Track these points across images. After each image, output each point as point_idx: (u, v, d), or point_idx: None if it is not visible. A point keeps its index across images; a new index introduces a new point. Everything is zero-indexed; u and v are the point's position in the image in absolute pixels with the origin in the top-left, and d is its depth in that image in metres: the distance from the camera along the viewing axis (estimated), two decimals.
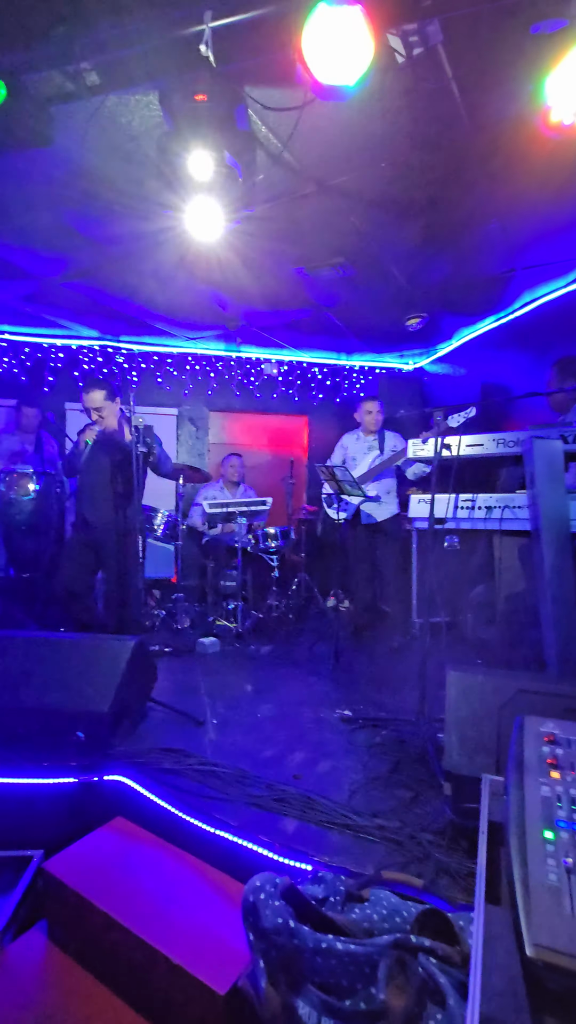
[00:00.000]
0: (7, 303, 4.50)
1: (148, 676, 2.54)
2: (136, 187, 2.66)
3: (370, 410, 4.06)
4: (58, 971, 1.51)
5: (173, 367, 5.69)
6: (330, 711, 2.63)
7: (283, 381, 5.98)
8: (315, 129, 2.29)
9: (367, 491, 3.96)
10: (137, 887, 1.54)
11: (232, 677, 3.19)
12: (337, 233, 3.22)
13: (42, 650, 2.34)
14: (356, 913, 1.30)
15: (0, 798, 1.95)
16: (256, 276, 3.81)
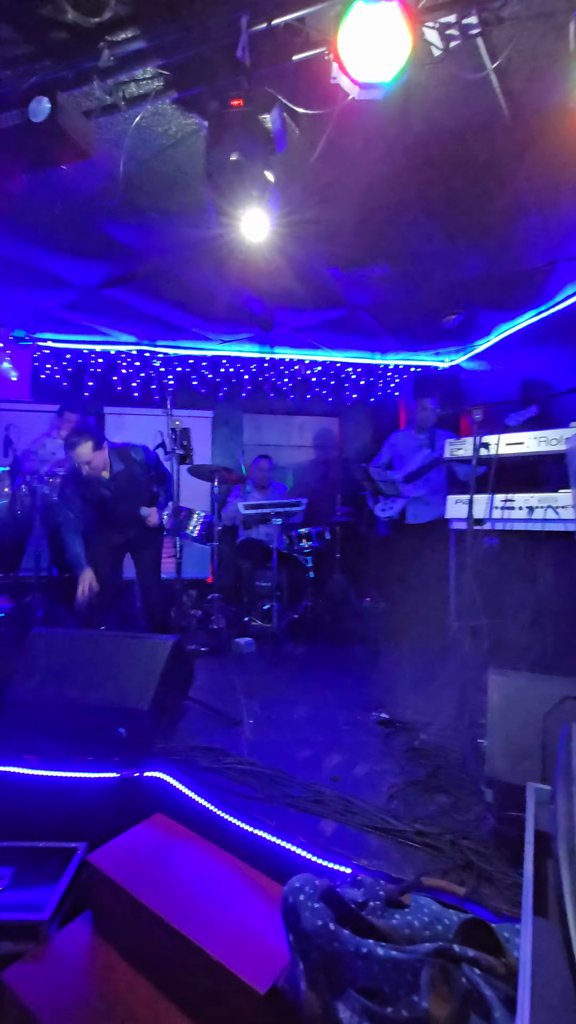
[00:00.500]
0: (49, 312, 4.66)
1: (186, 675, 2.58)
2: (173, 194, 2.71)
3: (425, 407, 4.00)
4: (102, 961, 1.55)
5: (208, 370, 5.76)
6: (367, 713, 2.60)
7: (316, 382, 5.97)
8: (350, 127, 2.27)
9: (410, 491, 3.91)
10: (177, 883, 1.57)
11: (268, 677, 3.20)
12: (372, 231, 3.19)
13: (84, 647, 2.40)
14: (397, 919, 1.29)
15: (46, 790, 2.01)
16: (290, 277, 3.82)
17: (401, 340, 5.28)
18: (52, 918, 1.65)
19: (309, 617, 4.33)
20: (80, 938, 1.63)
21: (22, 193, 2.77)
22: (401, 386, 6.04)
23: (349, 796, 1.85)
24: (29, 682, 2.35)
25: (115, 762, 2.05)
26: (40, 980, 1.48)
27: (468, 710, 2.30)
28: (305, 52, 1.81)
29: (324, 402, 6.04)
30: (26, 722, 2.28)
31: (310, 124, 2.26)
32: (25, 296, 4.31)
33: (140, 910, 1.46)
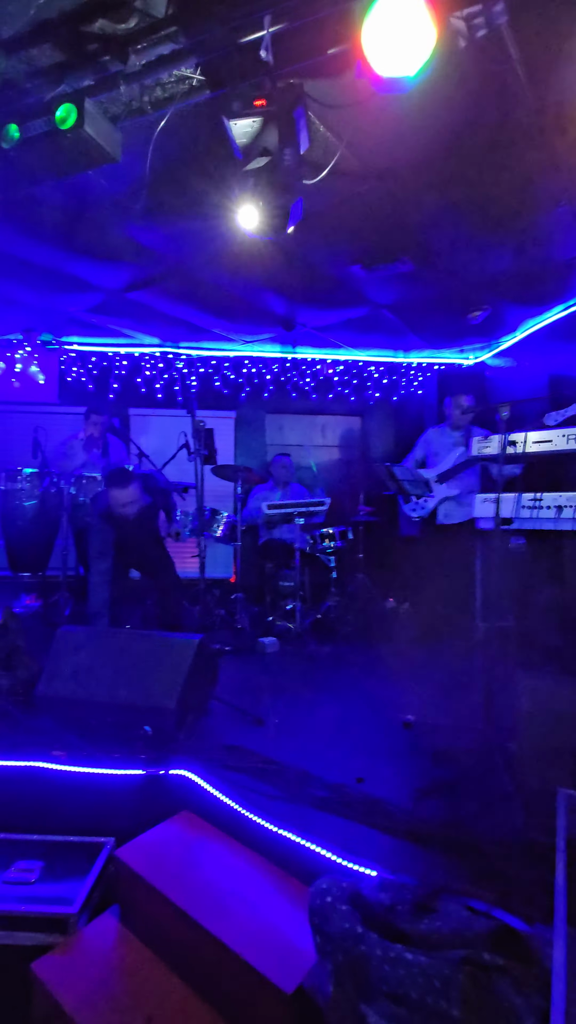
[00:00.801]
0: (75, 315, 4.75)
1: (211, 674, 2.59)
2: (197, 196, 2.73)
3: (460, 404, 3.94)
4: (130, 955, 1.56)
5: (230, 371, 5.79)
6: (392, 715, 2.58)
7: (339, 381, 5.95)
8: (373, 123, 2.26)
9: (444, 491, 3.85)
10: (204, 880, 1.58)
11: (292, 677, 3.20)
12: (395, 228, 3.16)
13: (110, 646, 2.44)
14: (425, 924, 1.27)
15: (74, 786, 2.05)
16: (312, 277, 3.81)
17: (425, 338, 5.22)
18: (81, 911, 1.68)
19: (332, 617, 4.31)
20: (108, 932, 1.65)
21: (49, 199, 2.82)
22: (424, 384, 5.98)
23: (374, 798, 1.83)
24: (57, 679, 2.40)
25: (141, 759, 2.07)
26: (69, 972, 1.50)
27: (496, 713, 2.25)
28: (328, 49, 1.80)
29: (346, 401, 6.01)
30: (54, 718, 2.33)
31: (334, 121, 2.25)
32: (52, 300, 4.39)
33: (167, 906, 1.47)
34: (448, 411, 4.05)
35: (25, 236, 3.28)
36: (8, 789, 2.05)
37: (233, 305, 4.40)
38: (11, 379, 5.46)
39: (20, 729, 2.30)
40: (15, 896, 1.69)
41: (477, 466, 3.84)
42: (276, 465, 4.99)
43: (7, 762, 2.07)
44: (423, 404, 6.01)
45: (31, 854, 1.87)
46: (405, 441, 4.69)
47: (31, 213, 2.96)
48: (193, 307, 4.50)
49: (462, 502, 3.87)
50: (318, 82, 1.99)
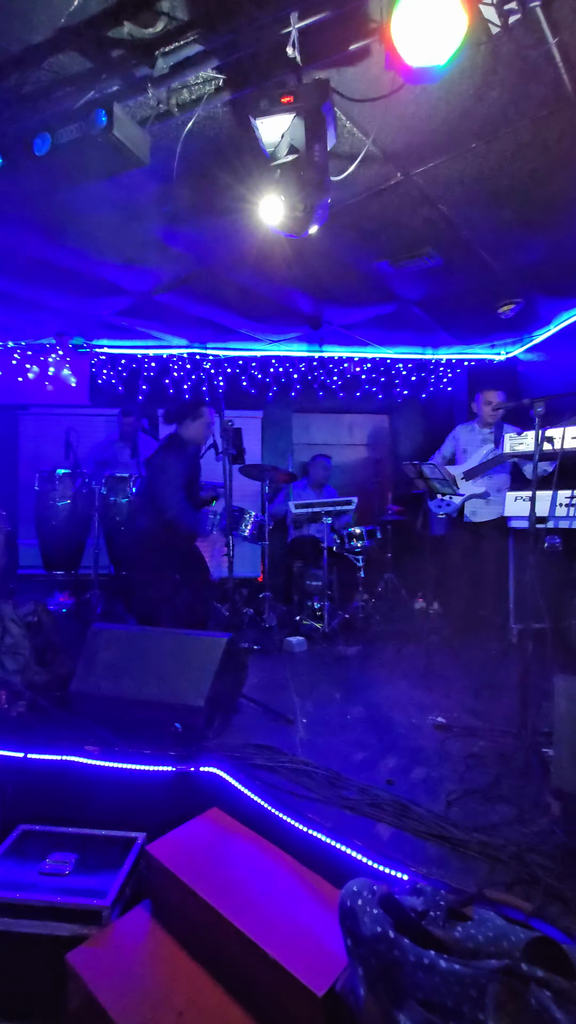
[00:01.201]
0: (105, 319, 4.83)
1: (240, 672, 2.60)
2: (225, 197, 2.74)
3: (490, 400, 3.87)
4: (161, 950, 1.58)
5: (257, 370, 5.81)
6: (422, 717, 2.54)
7: (366, 379, 5.90)
8: (401, 116, 2.22)
9: (470, 488, 3.78)
10: (234, 878, 1.58)
11: (320, 677, 3.18)
12: (424, 222, 3.11)
13: (142, 644, 2.47)
14: (459, 931, 1.24)
15: (106, 781, 2.08)
16: (339, 274, 3.79)
17: (454, 333, 5.12)
18: (114, 904, 1.70)
19: (360, 617, 4.28)
20: (140, 925, 1.67)
21: (78, 204, 2.87)
22: (454, 381, 5.87)
23: (406, 801, 1.81)
24: (90, 676, 2.44)
25: (171, 756, 2.09)
26: (102, 964, 1.53)
27: (531, 717, 2.19)
28: (356, 42, 1.78)
29: (374, 400, 5.96)
30: (87, 714, 2.37)
31: (361, 115, 2.22)
32: (83, 304, 4.48)
33: (198, 903, 1.48)
34: (477, 407, 3.97)
35: (56, 242, 3.35)
36: (43, 783, 2.10)
37: (260, 305, 4.41)
38: (44, 383, 5.60)
39: (55, 724, 2.35)
40: (51, 887, 1.73)
41: (507, 463, 3.74)
42: (317, 465, 4.97)
43: (43, 756, 2.12)
44: (453, 401, 5.91)
45: (65, 846, 1.91)
46: (434, 439, 4.61)
47: (61, 219, 3.03)
48: (220, 308, 4.52)
49: (490, 500, 3.78)
50: (345, 76, 1.97)
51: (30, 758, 2.11)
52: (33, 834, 1.99)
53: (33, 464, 4.92)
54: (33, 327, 5.15)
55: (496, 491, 3.79)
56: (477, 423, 3.98)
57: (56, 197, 2.54)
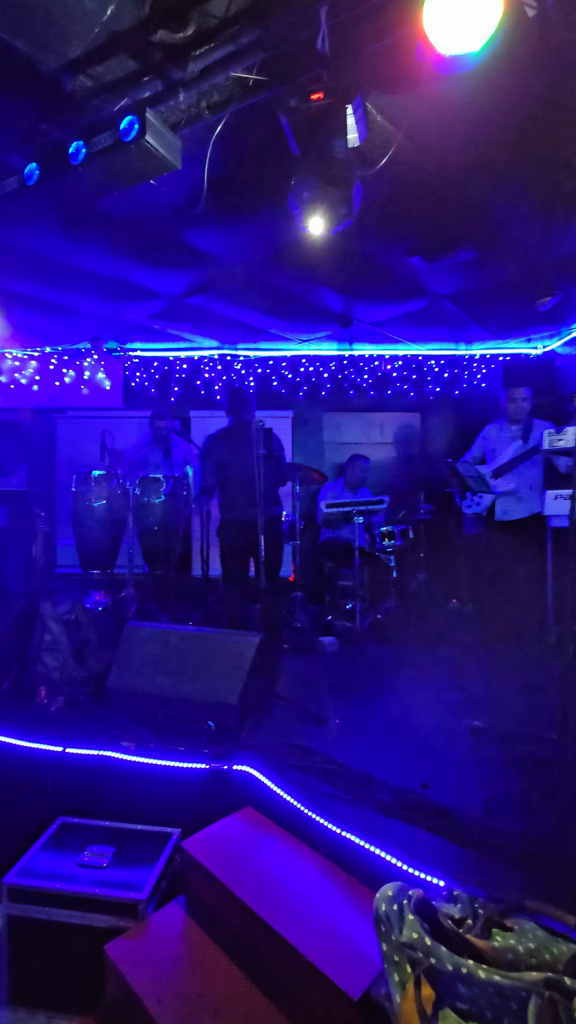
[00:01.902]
0: (138, 322, 4.92)
1: (273, 672, 2.60)
2: (254, 198, 2.75)
3: (515, 397, 3.78)
4: (196, 945, 1.59)
5: (288, 370, 5.81)
6: (458, 720, 2.48)
7: (397, 377, 5.83)
8: (434, 107, 2.18)
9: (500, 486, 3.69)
10: (268, 878, 1.58)
11: (353, 677, 3.16)
12: (456, 214, 3.04)
13: (175, 642, 2.50)
14: (498, 941, 1.20)
15: (141, 776, 2.12)
16: (369, 271, 3.75)
17: (488, 328, 5.01)
18: (149, 898, 1.73)
19: (393, 617, 4.23)
20: (175, 920, 1.69)
21: (111, 210, 2.93)
22: (488, 377, 5.74)
23: (440, 805, 1.77)
24: (125, 673, 2.49)
25: (205, 754, 2.11)
26: (138, 956, 1.55)
27: (573, 721, 2.12)
28: (387, 34, 1.75)
29: (405, 397, 5.88)
30: (123, 709, 2.41)
31: (392, 109, 2.19)
32: (117, 308, 4.58)
33: (233, 902, 1.49)
34: (503, 404, 3.87)
35: (90, 248, 3.43)
36: (81, 776, 2.15)
37: (289, 304, 4.41)
38: (80, 386, 5.75)
39: (92, 719, 2.40)
40: (89, 879, 1.77)
41: (539, 460, 3.63)
42: (354, 466, 4.92)
43: (81, 750, 2.17)
44: (487, 397, 5.77)
45: (103, 840, 1.95)
46: (468, 436, 4.51)
47: (95, 225, 3.09)
48: (250, 308, 4.54)
49: (522, 497, 3.68)
50: (376, 68, 1.94)
51: (69, 752, 2.17)
52: (72, 827, 2.04)
53: (70, 466, 5.05)
54: (69, 332, 5.29)
55: (528, 488, 3.68)
56: (505, 421, 3.89)
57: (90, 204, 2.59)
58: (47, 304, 4.40)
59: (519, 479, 3.69)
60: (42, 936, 1.73)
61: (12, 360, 5.77)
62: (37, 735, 2.23)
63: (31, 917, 1.74)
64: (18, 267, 3.68)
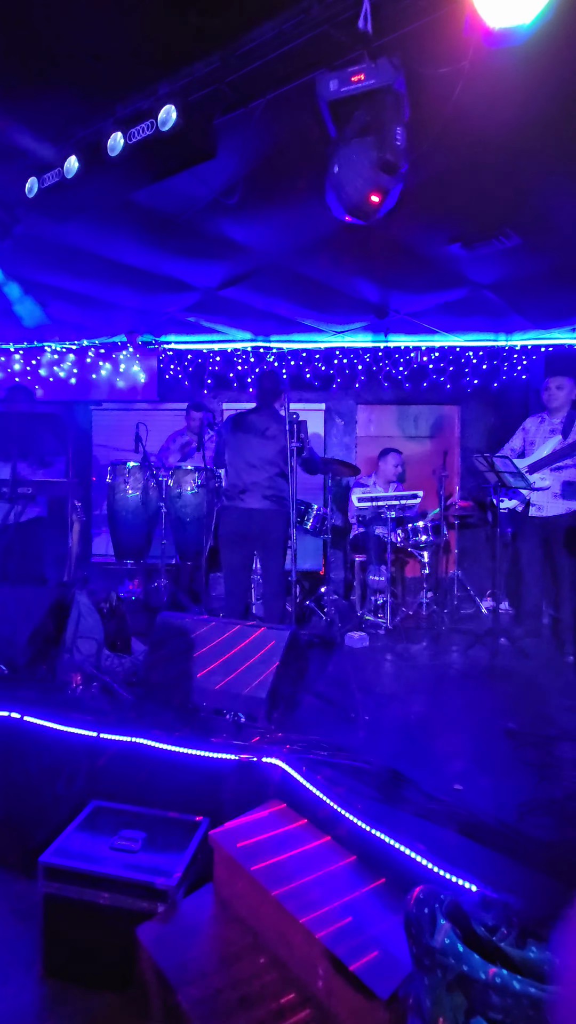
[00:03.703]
0: (173, 315, 4.96)
1: (302, 666, 2.60)
2: (289, 186, 2.71)
3: (554, 386, 3.65)
4: (224, 935, 1.61)
5: (321, 362, 5.76)
6: (491, 721, 2.42)
7: (434, 368, 5.70)
8: (481, 86, 2.08)
9: (538, 481, 3.57)
10: (296, 872, 1.58)
11: (383, 674, 3.13)
12: (500, 199, 2.93)
13: (207, 634, 2.52)
14: (534, 952, 1.17)
15: (171, 765, 2.14)
16: (407, 259, 3.66)
17: (530, 317, 4.83)
18: (179, 884, 1.75)
19: (424, 614, 4.16)
20: (204, 908, 1.71)
21: (148, 202, 2.94)
22: (529, 368, 5.55)
23: (474, 808, 1.73)
24: (156, 662, 2.53)
25: (234, 745, 2.12)
26: (168, 941, 1.58)
27: None
28: (432, 10, 1.69)
29: (442, 390, 5.75)
30: (154, 698, 2.45)
31: (436, 88, 2.11)
32: (153, 301, 4.62)
33: (262, 895, 1.49)
34: (543, 396, 3.73)
35: (127, 241, 3.46)
36: (114, 762, 2.19)
37: (324, 295, 4.36)
38: (116, 379, 5.84)
39: (125, 706, 2.45)
40: (121, 863, 1.80)
41: None
42: (387, 460, 4.86)
43: (114, 736, 2.22)
44: (528, 389, 5.59)
45: (134, 824, 1.98)
46: (507, 430, 4.38)
47: (131, 217, 3.11)
48: (284, 299, 4.51)
49: (560, 493, 3.55)
50: (419, 47, 1.87)
51: (102, 738, 2.21)
52: (104, 810, 2.08)
53: (105, 457, 5.15)
54: (106, 326, 5.37)
55: (569, 484, 3.55)
56: (546, 413, 3.75)
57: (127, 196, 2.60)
58: (85, 298, 4.47)
59: (557, 475, 3.56)
60: (75, 914, 1.78)
61: (51, 354, 5.91)
62: (72, 720, 2.29)
63: (65, 895, 1.79)
64: (57, 262, 3.75)
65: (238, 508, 3.31)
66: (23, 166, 2.58)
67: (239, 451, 3.38)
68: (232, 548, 3.41)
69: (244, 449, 3.35)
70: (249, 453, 3.32)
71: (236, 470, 3.39)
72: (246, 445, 3.35)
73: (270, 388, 3.51)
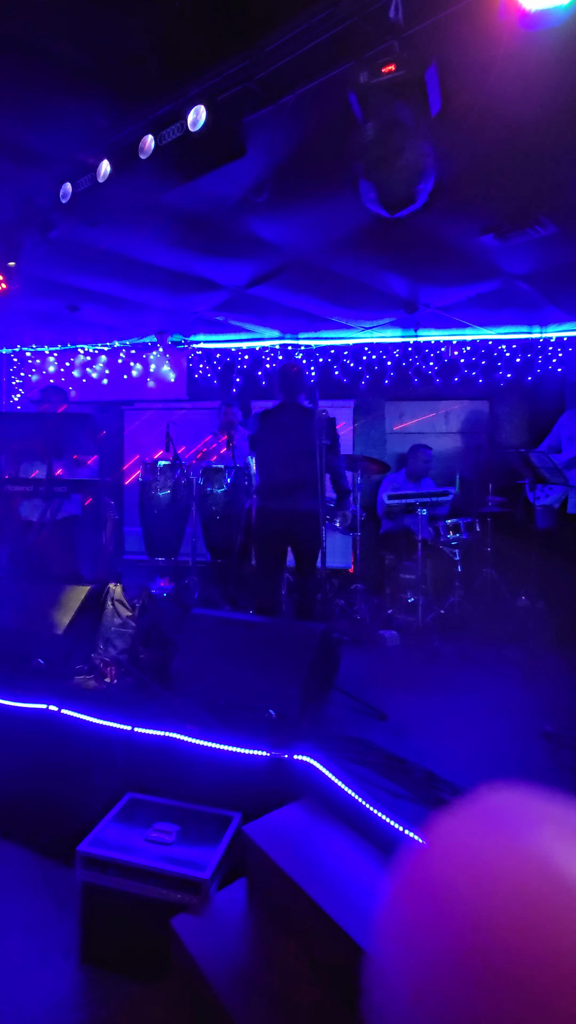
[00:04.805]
0: (202, 314, 5.00)
1: (333, 664, 2.59)
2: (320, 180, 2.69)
3: None
4: (257, 930, 1.62)
5: (349, 359, 5.72)
6: (528, 723, 2.37)
7: (465, 363, 5.59)
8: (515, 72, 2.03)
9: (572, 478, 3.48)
10: (329, 871, 1.57)
11: (415, 673, 3.09)
12: (535, 187, 2.85)
13: (238, 630, 2.53)
14: None
15: (203, 759, 2.17)
16: (438, 252, 3.60)
17: (566, 308, 4.69)
18: (212, 878, 1.77)
19: (457, 613, 4.09)
20: (237, 903, 1.72)
21: (177, 203, 2.96)
22: (565, 361, 5.38)
23: None
24: (189, 658, 2.56)
25: (266, 742, 2.13)
26: (203, 933, 1.59)
27: None
28: None
29: (474, 384, 5.63)
30: (186, 693, 2.48)
31: (468, 77, 2.06)
32: (183, 301, 4.67)
33: (295, 892, 1.49)
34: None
35: (157, 242, 3.50)
36: (148, 755, 2.23)
37: (353, 291, 4.32)
38: (147, 379, 5.93)
39: (158, 701, 2.49)
40: (155, 854, 1.83)
41: None
42: (417, 456, 4.80)
43: (148, 730, 2.26)
44: (564, 382, 5.43)
45: (168, 817, 2.01)
46: (542, 424, 4.27)
47: (161, 219, 3.15)
48: (312, 296, 4.50)
49: None
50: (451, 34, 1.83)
51: (137, 731, 2.26)
52: (139, 802, 2.12)
53: (137, 456, 5.24)
54: (137, 327, 5.46)
55: None
56: None
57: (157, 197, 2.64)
58: (116, 299, 4.56)
59: None
60: (111, 903, 1.82)
61: (84, 355, 6.04)
62: (108, 713, 2.34)
63: (102, 885, 1.83)
64: (90, 264, 3.83)
65: (271, 507, 3.32)
66: (58, 172, 2.65)
67: (270, 449, 3.38)
68: (265, 546, 3.41)
69: (275, 447, 3.35)
70: (280, 451, 3.32)
71: (268, 469, 3.39)
72: (276, 443, 3.35)
73: (292, 381, 3.44)
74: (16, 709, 2.43)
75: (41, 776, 2.29)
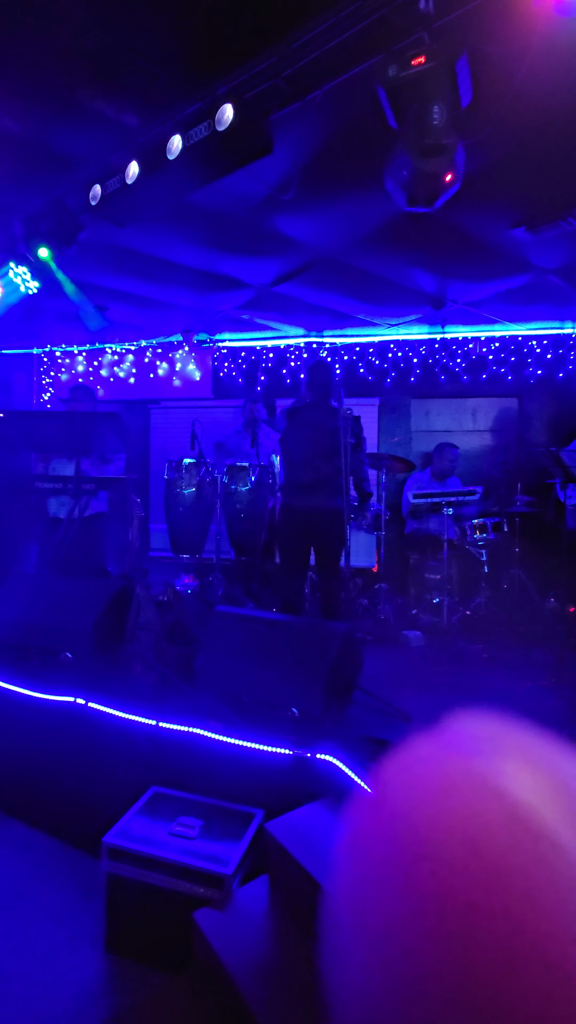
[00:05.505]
0: (227, 313, 5.03)
1: (356, 663, 2.57)
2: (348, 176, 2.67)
3: None
4: (279, 927, 1.62)
5: (375, 356, 5.68)
6: (559, 730, 2.30)
7: (493, 360, 5.48)
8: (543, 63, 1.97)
9: None
10: None
11: (439, 674, 3.05)
12: (569, 179, 2.77)
13: (262, 629, 2.54)
14: None
15: (226, 756, 2.18)
16: (466, 247, 3.54)
17: None
18: (235, 873, 1.78)
19: (483, 614, 4.02)
20: (259, 899, 1.73)
21: (202, 202, 2.98)
22: None
23: None
24: (213, 654, 2.58)
25: (288, 740, 2.13)
26: (225, 928, 1.61)
27: None
28: None
29: (502, 381, 5.52)
30: (209, 690, 2.50)
31: (500, 66, 2.02)
32: (208, 300, 4.70)
33: (316, 890, 1.49)
34: None
35: (183, 242, 3.53)
36: (172, 750, 2.26)
37: (378, 288, 4.28)
38: (173, 378, 6.00)
39: (183, 697, 2.51)
40: (179, 848, 1.86)
41: None
42: (443, 455, 4.74)
43: (172, 725, 2.28)
44: None
45: (192, 812, 2.03)
46: (573, 423, 4.16)
47: (187, 218, 3.17)
48: (337, 293, 4.47)
49: None
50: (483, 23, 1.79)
51: (161, 726, 2.29)
52: (163, 796, 2.14)
53: (163, 454, 5.30)
54: (163, 326, 5.52)
55: None
56: None
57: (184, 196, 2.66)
58: (143, 299, 4.61)
59: None
60: (135, 895, 1.85)
61: (111, 355, 6.14)
62: (133, 708, 2.37)
63: (126, 876, 1.86)
64: (117, 265, 3.89)
65: (296, 505, 3.32)
66: (87, 174, 2.69)
67: (296, 447, 3.38)
68: (289, 544, 3.42)
69: (301, 445, 3.35)
70: (306, 449, 3.32)
71: (293, 466, 3.39)
72: (303, 441, 3.34)
73: (323, 380, 3.45)
74: (45, 702, 2.48)
75: (68, 767, 2.34)
